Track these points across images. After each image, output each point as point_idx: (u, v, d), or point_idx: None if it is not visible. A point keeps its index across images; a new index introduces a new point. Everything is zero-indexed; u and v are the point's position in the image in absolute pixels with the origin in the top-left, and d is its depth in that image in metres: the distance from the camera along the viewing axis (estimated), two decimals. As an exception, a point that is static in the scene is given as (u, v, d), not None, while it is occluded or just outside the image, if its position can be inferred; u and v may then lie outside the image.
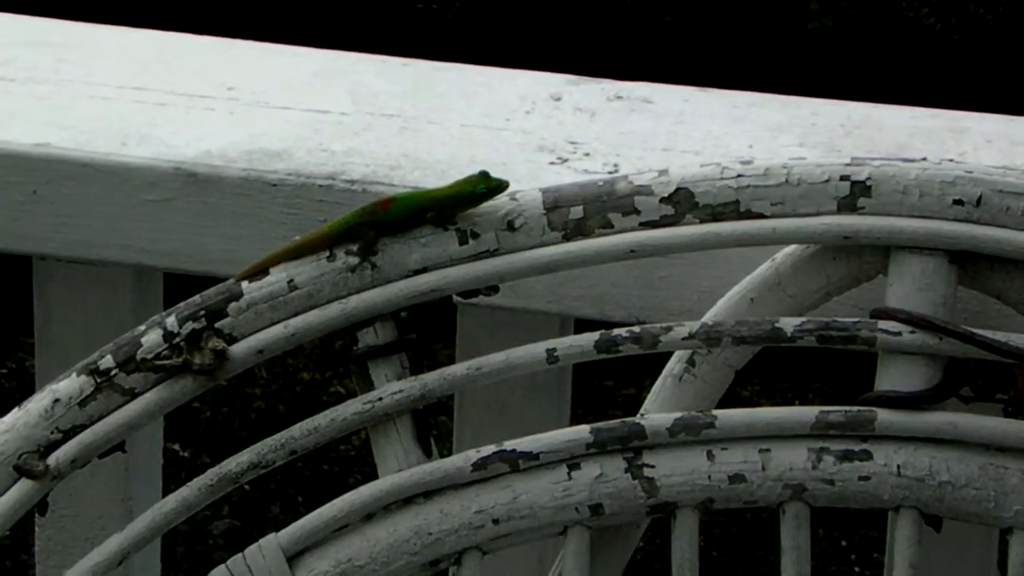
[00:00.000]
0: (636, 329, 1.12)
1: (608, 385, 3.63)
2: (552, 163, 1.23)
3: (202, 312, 1.11)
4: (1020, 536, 1.09)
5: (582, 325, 1.18)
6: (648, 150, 1.25)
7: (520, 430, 1.15)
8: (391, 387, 1.11)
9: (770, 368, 3.37)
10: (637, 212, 1.12)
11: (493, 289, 1.13)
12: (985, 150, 1.25)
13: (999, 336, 1.09)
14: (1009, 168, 1.10)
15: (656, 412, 1.13)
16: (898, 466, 1.10)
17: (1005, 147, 1.25)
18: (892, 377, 1.11)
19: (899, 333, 1.10)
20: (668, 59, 3.93)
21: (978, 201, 1.10)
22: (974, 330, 1.09)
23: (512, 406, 1.28)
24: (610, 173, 1.21)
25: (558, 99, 1.29)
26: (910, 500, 1.10)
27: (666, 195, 1.12)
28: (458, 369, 1.12)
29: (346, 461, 3.37)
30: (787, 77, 3.94)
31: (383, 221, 1.11)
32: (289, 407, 3.46)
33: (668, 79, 1.33)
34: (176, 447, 3.39)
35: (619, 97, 1.29)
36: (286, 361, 3.56)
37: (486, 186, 1.11)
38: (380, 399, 1.11)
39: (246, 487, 3.30)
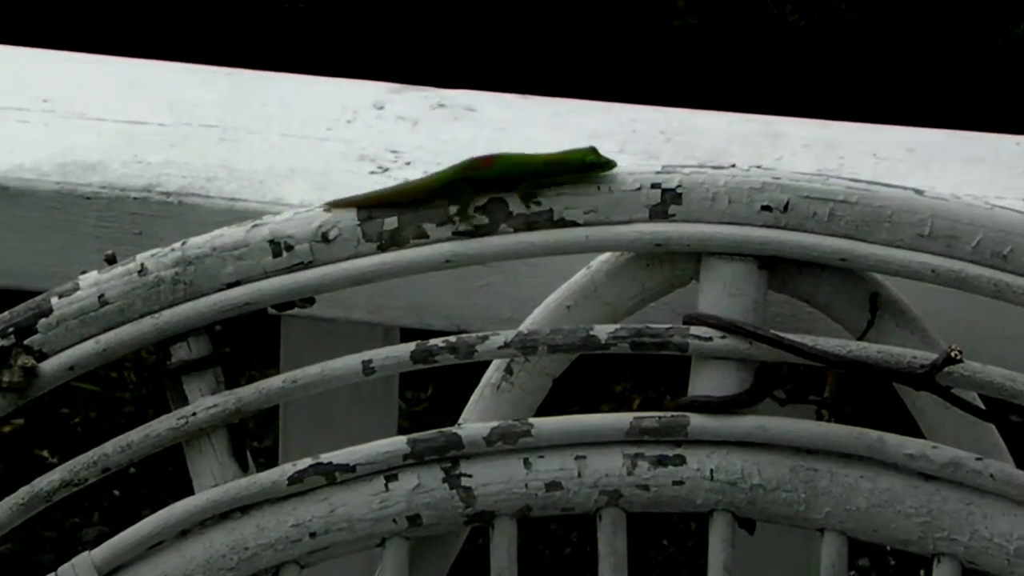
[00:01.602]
0: (452, 339, 1.12)
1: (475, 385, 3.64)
2: (373, 172, 1.23)
3: (10, 329, 1.09)
4: (831, 537, 1.11)
5: (420, 334, 1.18)
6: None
7: (347, 441, 1.15)
8: (205, 402, 1.10)
9: (642, 370, 3.39)
10: (452, 222, 1.12)
11: (308, 301, 1.12)
12: (802, 154, 1.26)
13: (807, 340, 1.11)
14: (818, 173, 1.12)
15: (474, 421, 1.13)
16: (711, 470, 1.11)
17: (821, 151, 1.27)
18: (705, 382, 1.12)
19: (710, 339, 1.11)
20: (547, 55, 3.94)
21: (785, 207, 1.11)
22: (783, 334, 1.11)
23: (338, 418, 1.28)
24: (430, 182, 1.21)
25: (381, 108, 1.29)
26: (723, 504, 1.11)
27: (480, 204, 1.12)
28: (273, 382, 1.12)
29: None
30: (652, 75, 3.96)
31: (481, 179, 1.11)
32: (159, 411, 3.44)
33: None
34: (44, 453, 3.35)
35: (442, 105, 1.30)
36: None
37: (595, 158, 1.11)
38: (194, 414, 1.10)
39: (115, 492, 3.27)
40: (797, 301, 1.14)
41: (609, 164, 1.11)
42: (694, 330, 1.12)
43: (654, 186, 1.12)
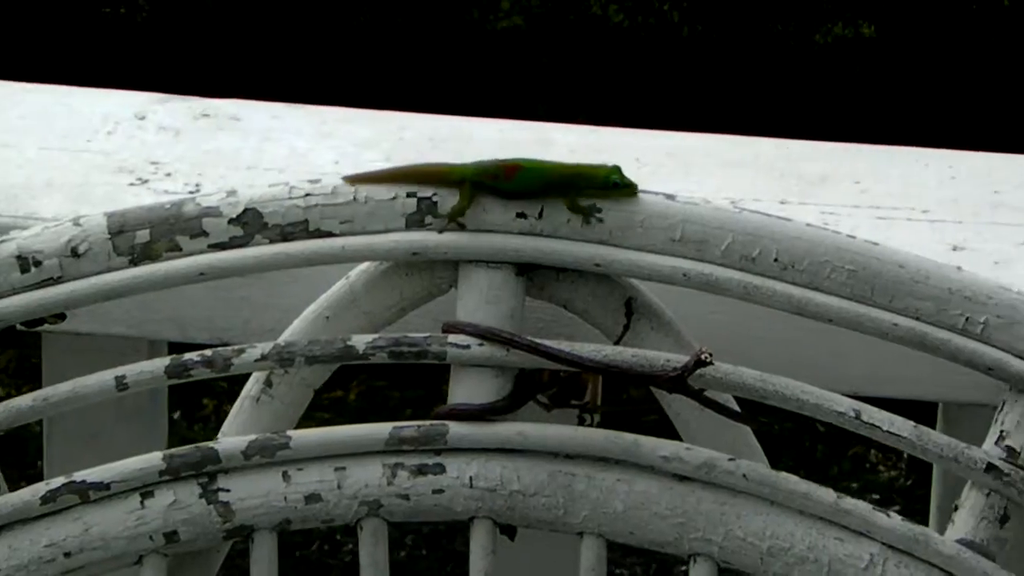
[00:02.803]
0: (208, 352, 1.11)
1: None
2: (132, 184, 1.22)
3: None
4: (589, 541, 1.11)
5: (190, 347, 1.17)
6: (232, 169, 1.24)
7: (112, 459, 1.13)
8: (-48, 422, 1.08)
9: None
10: (205, 234, 1.11)
11: (59, 317, 1.11)
12: (568, 160, 1.27)
13: (564, 345, 1.11)
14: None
15: (234, 435, 1.12)
16: (470, 478, 1.11)
17: (586, 156, 1.27)
18: (464, 390, 1.12)
19: (468, 346, 1.11)
20: (404, 65, 3.92)
21: (540, 213, 1.12)
22: (539, 340, 1.11)
23: (104, 434, 1.26)
24: (191, 193, 1.20)
25: (142, 118, 1.27)
26: (483, 511, 1.11)
27: (234, 216, 1.11)
28: (23, 401, 1.10)
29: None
30: (478, 78, 3.97)
31: (500, 188, 1.09)
32: None
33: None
34: None
35: (205, 115, 1.28)
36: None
37: (619, 178, 1.09)
38: (-59, 435, 1.09)
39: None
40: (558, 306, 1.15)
41: (632, 187, 1.09)
42: (452, 338, 1.12)
43: (410, 195, 1.12)
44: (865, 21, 4.18)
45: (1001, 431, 1.09)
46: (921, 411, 1.23)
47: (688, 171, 1.27)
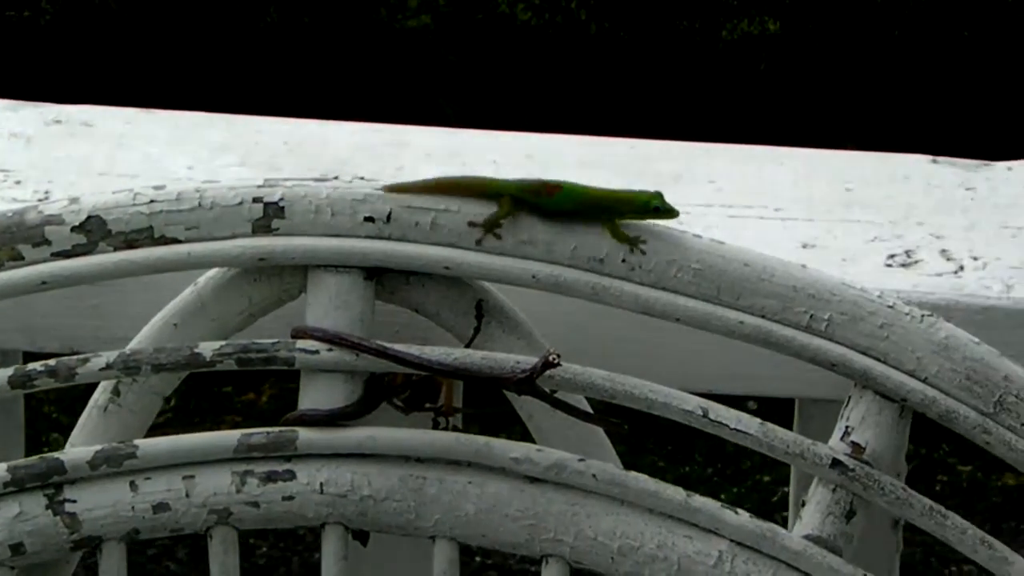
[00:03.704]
0: (52, 362, 1.10)
1: (227, 392, 3.60)
2: (-19, 192, 1.21)
3: None
4: (441, 544, 1.11)
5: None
6: (84, 175, 1.23)
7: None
8: None
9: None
10: (48, 243, 1.10)
11: (-98, 329, 1.10)
12: (424, 163, 1.27)
13: (413, 349, 1.11)
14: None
15: (81, 445, 1.11)
16: (321, 483, 1.11)
17: (443, 159, 1.28)
18: (313, 395, 1.11)
19: (317, 351, 1.11)
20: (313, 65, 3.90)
21: (388, 217, 1.12)
22: (387, 345, 1.11)
23: (-44, 443, 1.25)
24: (40, 201, 1.19)
25: (-8, 126, 1.26)
26: (334, 516, 1.11)
27: (77, 224, 1.10)
28: None
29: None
30: (386, 77, 3.96)
31: (540, 205, 1.09)
32: None
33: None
34: None
35: (58, 121, 1.27)
36: None
37: (659, 203, 1.08)
38: None
39: None
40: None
41: (673, 212, 1.09)
42: (300, 343, 1.11)
43: (256, 200, 1.11)
44: (771, 17, 4.20)
45: (846, 427, 1.10)
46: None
47: (545, 172, 1.27)
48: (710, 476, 3.40)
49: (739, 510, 1.10)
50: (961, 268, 1.18)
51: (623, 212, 1.10)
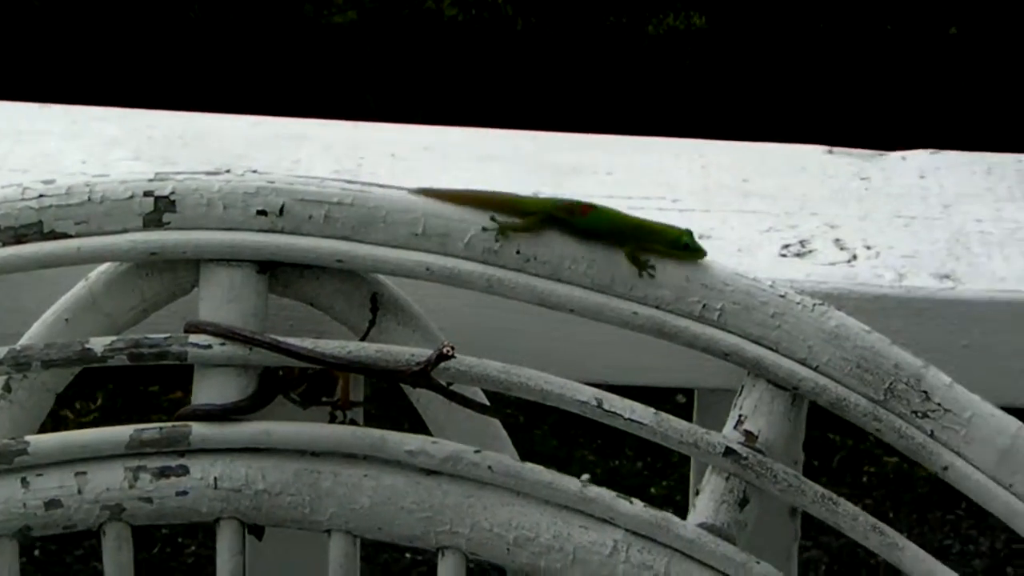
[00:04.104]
0: (-61, 359, 1.09)
1: (153, 391, 3.58)
2: None
3: None
4: (337, 538, 1.11)
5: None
6: (-24, 171, 1.22)
7: None
8: None
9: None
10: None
11: None
12: (321, 156, 1.26)
13: (307, 343, 1.11)
14: (313, 177, 1.12)
15: (-28, 442, 1.10)
16: (215, 478, 1.10)
17: (341, 152, 1.27)
18: (207, 390, 1.11)
19: (209, 346, 1.10)
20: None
21: (281, 210, 1.11)
22: (280, 338, 1.11)
23: None
24: (-69, 197, 1.18)
25: None
26: (228, 511, 1.10)
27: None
28: None
29: None
30: (312, 72, 3.94)
31: (572, 224, 1.09)
32: None
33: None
34: None
35: (-50, 119, 1.26)
36: None
37: (689, 241, 1.09)
38: None
39: None
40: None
41: (700, 253, 1.09)
42: (193, 338, 1.11)
43: (147, 194, 1.11)
44: (696, 12, 4.22)
45: (740, 415, 1.10)
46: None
47: (445, 165, 1.27)
48: (640, 470, 3.41)
49: (634, 500, 1.10)
50: (854, 257, 1.19)
51: (651, 243, 1.10)
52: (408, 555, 3.19)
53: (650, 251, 1.09)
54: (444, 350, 1.09)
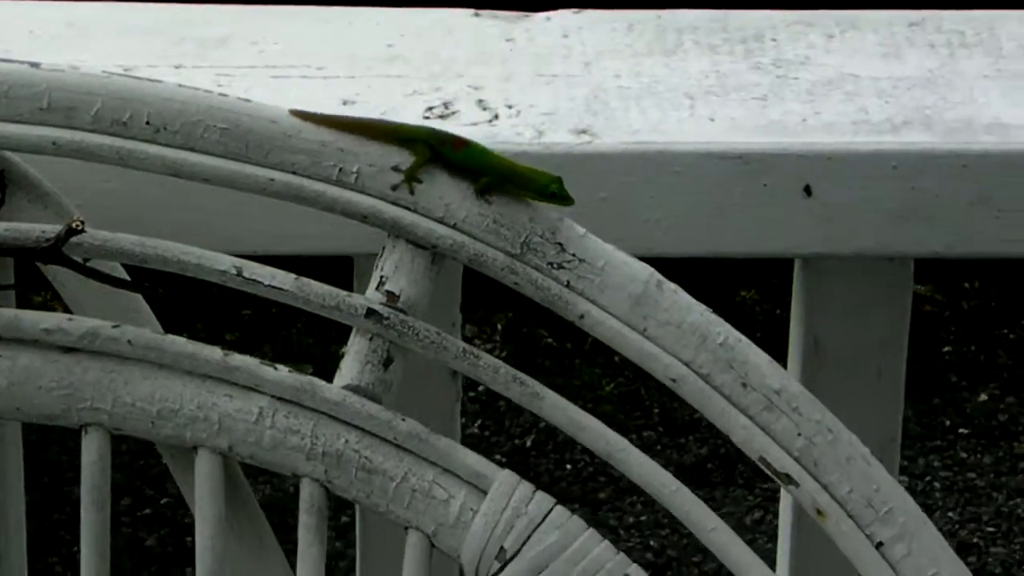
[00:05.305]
0: None
1: None
2: None
3: None
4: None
5: None
6: None
7: None
8: None
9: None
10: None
11: None
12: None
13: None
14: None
15: None
16: None
17: None
18: None
19: None
20: None
21: None
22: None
23: None
24: None
25: None
26: None
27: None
28: None
29: None
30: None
31: (444, 156, 1.08)
32: None
33: None
34: None
35: None
36: None
37: (557, 189, 1.07)
38: None
39: None
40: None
41: (568, 200, 1.08)
42: None
43: None
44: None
45: (381, 277, 1.11)
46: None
47: (86, 41, 1.24)
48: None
49: (279, 366, 1.10)
50: (496, 117, 1.19)
51: (521, 187, 1.09)
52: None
53: (513, 194, 1.09)
54: (74, 224, 1.07)
